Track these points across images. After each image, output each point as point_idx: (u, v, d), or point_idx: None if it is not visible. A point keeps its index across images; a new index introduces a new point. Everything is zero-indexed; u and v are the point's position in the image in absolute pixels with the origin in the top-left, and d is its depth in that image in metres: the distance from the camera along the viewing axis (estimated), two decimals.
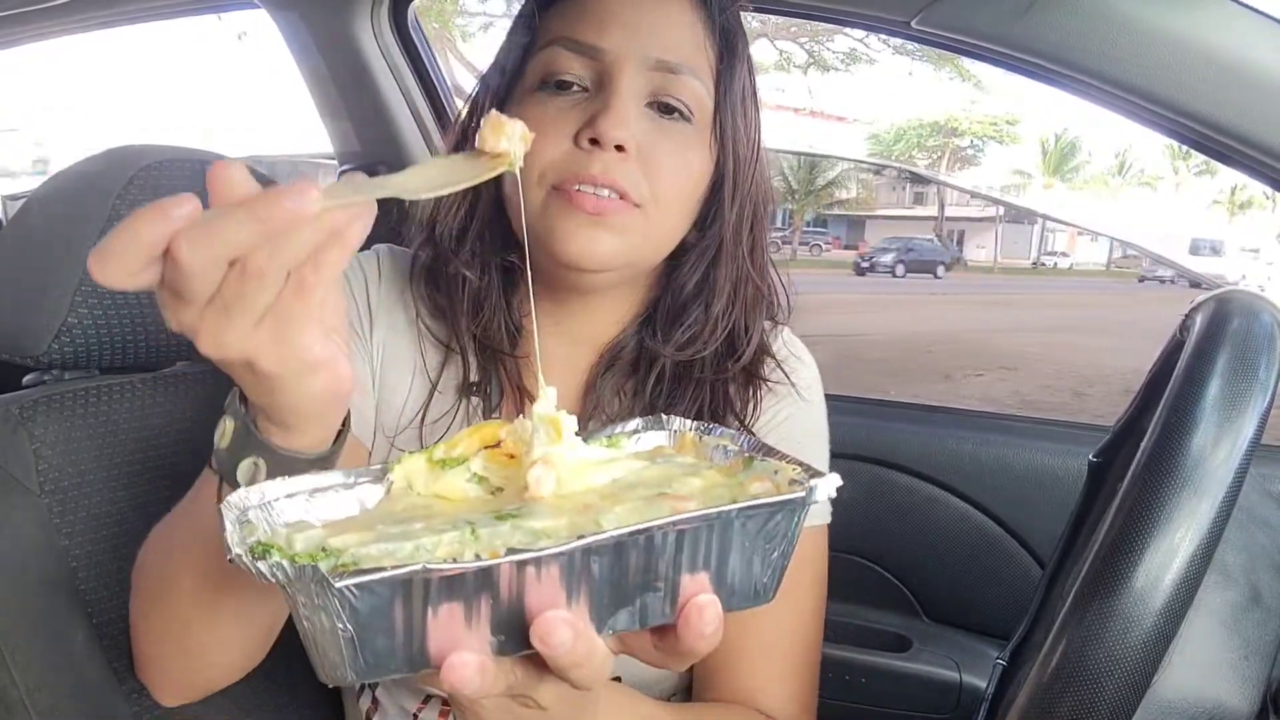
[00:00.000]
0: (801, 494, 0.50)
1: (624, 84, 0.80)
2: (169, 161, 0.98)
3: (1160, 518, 0.56)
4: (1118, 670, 0.55)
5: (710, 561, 0.49)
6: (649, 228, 0.83)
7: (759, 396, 0.92)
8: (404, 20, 1.68)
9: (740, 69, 0.86)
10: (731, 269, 0.88)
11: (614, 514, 0.48)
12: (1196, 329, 0.66)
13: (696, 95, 0.83)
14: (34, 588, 0.87)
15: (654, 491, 0.51)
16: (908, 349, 11.27)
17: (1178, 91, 0.88)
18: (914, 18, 0.96)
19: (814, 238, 38.23)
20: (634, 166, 0.80)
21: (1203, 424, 0.58)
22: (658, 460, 0.58)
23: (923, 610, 1.56)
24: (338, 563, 0.44)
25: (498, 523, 0.48)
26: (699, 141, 0.84)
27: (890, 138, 37.25)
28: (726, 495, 0.52)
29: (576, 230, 0.80)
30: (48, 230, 0.93)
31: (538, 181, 0.81)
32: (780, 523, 0.50)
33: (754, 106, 0.88)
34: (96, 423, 0.96)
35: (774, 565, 0.51)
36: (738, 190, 0.87)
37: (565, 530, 0.47)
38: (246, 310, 0.49)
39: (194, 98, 45.33)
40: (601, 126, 0.78)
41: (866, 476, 1.53)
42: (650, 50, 0.81)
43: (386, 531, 0.47)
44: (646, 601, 0.49)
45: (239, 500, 0.52)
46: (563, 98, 0.82)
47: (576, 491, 0.53)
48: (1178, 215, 33.50)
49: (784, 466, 0.53)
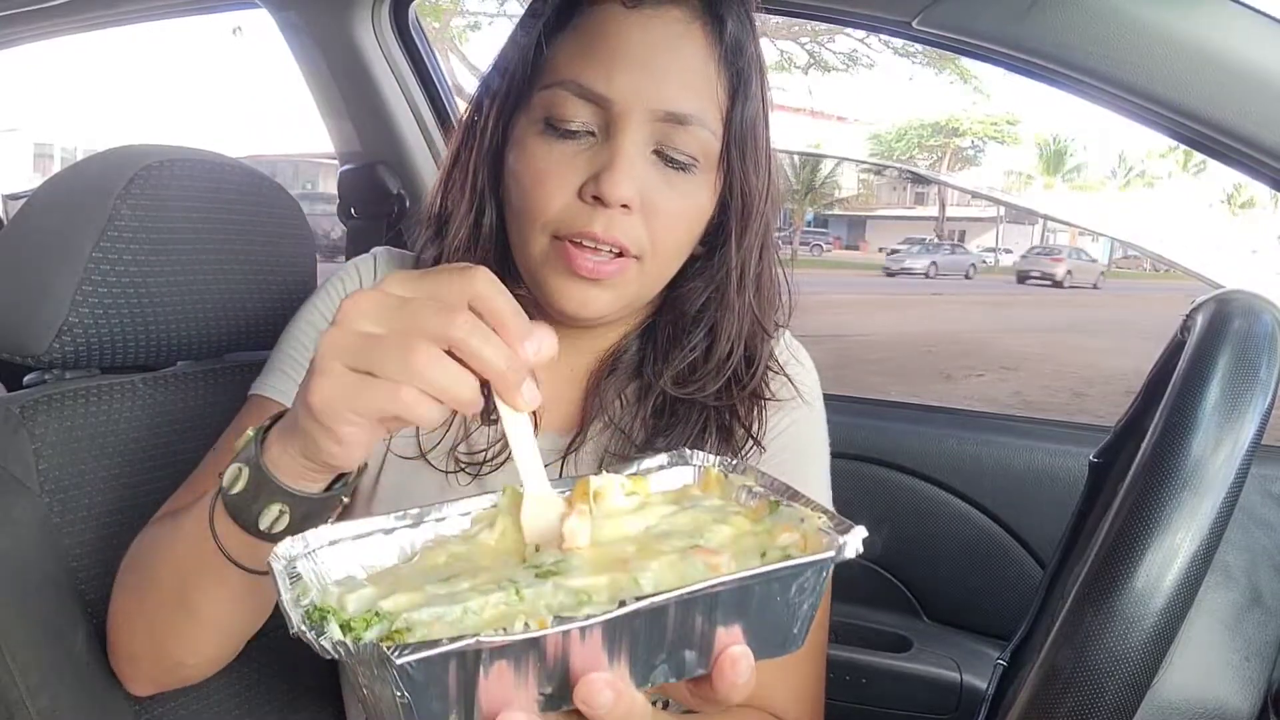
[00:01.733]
0: (832, 554, 0.51)
1: (630, 138, 0.78)
2: (170, 161, 0.98)
3: (1161, 518, 0.56)
4: (1118, 671, 0.55)
5: (744, 617, 0.51)
6: (645, 276, 0.84)
7: (765, 413, 0.91)
8: (405, 20, 1.68)
9: (753, 101, 0.83)
10: (739, 303, 0.87)
11: (650, 571, 0.50)
12: (1197, 329, 0.66)
13: (703, 143, 0.81)
14: (34, 587, 0.87)
15: (686, 543, 0.53)
16: (909, 349, 11.27)
17: (1178, 91, 0.87)
18: (915, 18, 0.96)
19: (814, 238, 38.23)
20: (636, 220, 0.80)
21: (1203, 425, 0.58)
22: (685, 504, 0.59)
23: (923, 610, 1.56)
24: (391, 629, 0.47)
25: (540, 581, 0.50)
26: (705, 185, 0.83)
27: (891, 137, 37.25)
28: (755, 545, 0.53)
29: (572, 289, 0.81)
30: (49, 230, 0.93)
31: (540, 230, 0.81)
32: (809, 578, 0.52)
33: (765, 128, 0.86)
34: (97, 422, 0.96)
35: (803, 616, 0.53)
36: (747, 228, 0.86)
37: (605, 589, 0.49)
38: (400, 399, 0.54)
39: (194, 98, 45.36)
40: (606, 186, 0.77)
41: (867, 477, 1.53)
42: (658, 100, 0.79)
43: (435, 593, 0.49)
44: (684, 656, 0.51)
45: (286, 551, 0.54)
46: (568, 144, 0.80)
47: (611, 540, 0.54)
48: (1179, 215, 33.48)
49: (810, 515, 0.54)
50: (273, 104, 29.30)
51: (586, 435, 0.89)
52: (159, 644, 0.78)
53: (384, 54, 1.67)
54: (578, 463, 0.89)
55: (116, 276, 0.93)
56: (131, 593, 0.79)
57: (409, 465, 0.90)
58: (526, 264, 0.84)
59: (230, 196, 1.07)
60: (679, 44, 0.80)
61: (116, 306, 0.94)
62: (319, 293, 0.96)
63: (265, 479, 0.61)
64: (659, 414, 0.89)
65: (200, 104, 44.91)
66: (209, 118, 44.27)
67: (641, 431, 0.89)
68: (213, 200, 1.04)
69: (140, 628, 0.79)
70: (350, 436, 0.56)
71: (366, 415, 0.55)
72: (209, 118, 44.27)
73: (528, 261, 0.83)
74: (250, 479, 0.62)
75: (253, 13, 1.69)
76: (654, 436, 0.88)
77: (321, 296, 0.95)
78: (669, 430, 0.88)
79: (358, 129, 1.75)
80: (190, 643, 0.76)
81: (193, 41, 40.06)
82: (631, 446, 0.88)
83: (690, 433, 0.88)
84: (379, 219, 1.74)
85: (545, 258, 0.82)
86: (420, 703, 0.45)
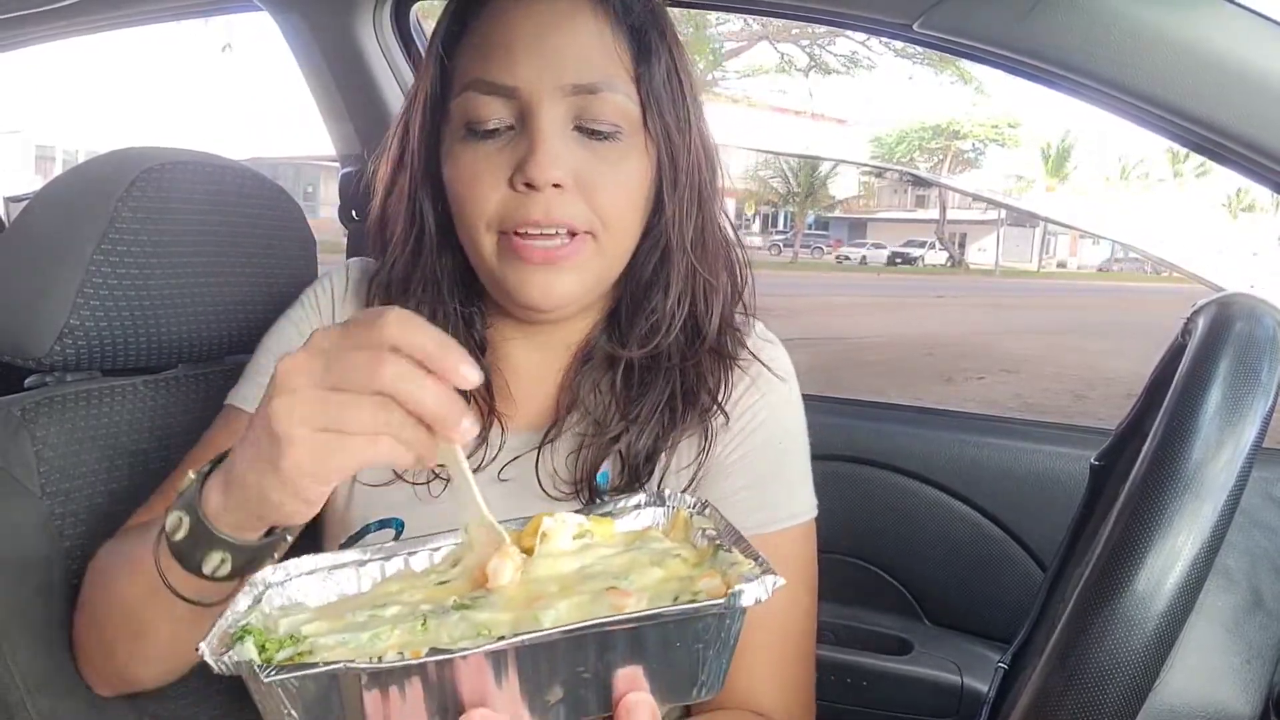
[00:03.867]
0: (721, 602, 0.51)
1: (545, 119, 0.80)
2: (172, 164, 0.99)
3: (1162, 521, 0.56)
4: (1120, 674, 0.55)
5: (642, 660, 0.51)
6: (604, 252, 0.85)
7: (730, 377, 0.92)
8: (405, 21, 1.68)
9: (660, 62, 0.84)
10: (681, 260, 0.89)
11: (554, 610, 0.52)
12: (1198, 332, 0.66)
13: (620, 108, 0.82)
14: (35, 589, 0.87)
15: (608, 584, 0.54)
16: (909, 351, 11.26)
17: (1179, 94, 0.87)
18: (916, 21, 0.96)
19: (815, 240, 38.22)
20: (574, 197, 0.81)
21: (1205, 428, 0.58)
22: (634, 545, 0.61)
23: (924, 613, 1.56)
24: (295, 652, 0.50)
25: (452, 612, 0.52)
26: (634, 150, 0.84)
27: (892, 140, 37.28)
28: (674, 590, 0.54)
29: (531, 277, 0.82)
30: (50, 232, 0.93)
31: (485, 229, 0.83)
32: (710, 625, 0.52)
33: (681, 91, 0.87)
34: (98, 424, 0.96)
35: (709, 662, 0.53)
36: (677, 183, 0.87)
37: (507, 624, 0.51)
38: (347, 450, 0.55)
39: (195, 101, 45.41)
40: (531, 170, 0.79)
41: (868, 480, 1.53)
42: (564, 76, 0.80)
43: (352, 621, 0.53)
44: (580, 695, 0.51)
45: (262, 577, 0.57)
46: (489, 143, 0.82)
47: (540, 578, 0.56)
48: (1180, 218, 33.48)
49: (741, 561, 0.55)
50: (273, 106, 29.33)
51: (562, 429, 0.90)
52: (114, 658, 0.80)
53: (385, 56, 1.68)
54: (554, 453, 0.89)
55: (118, 279, 0.93)
56: (88, 607, 0.81)
57: (379, 476, 0.90)
58: (482, 267, 0.85)
59: (231, 199, 1.07)
60: (570, 21, 0.82)
61: (118, 309, 0.94)
62: (295, 306, 0.97)
63: (205, 530, 0.61)
64: (628, 386, 0.90)
65: (202, 107, 44.98)
66: (210, 120, 44.34)
67: (614, 408, 0.90)
68: (214, 203, 1.04)
69: (96, 641, 0.81)
70: (319, 495, 0.57)
71: (342, 473, 0.55)
72: (210, 120, 44.34)
73: (483, 264, 0.85)
74: (190, 528, 0.62)
75: (250, 19, 1.69)
76: (627, 410, 0.89)
77: (297, 309, 0.96)
78: (639, 401, 0.89)
79: (359, 131, 1.75)
80: (142, 660, 0.78)
81: (194, 44, 40.13)
82: (604, 429, 0.89)
83: (659, 401, 0.88)
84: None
85: (497, 255, 0.83)
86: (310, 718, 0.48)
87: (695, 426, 0.90)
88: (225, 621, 0.52)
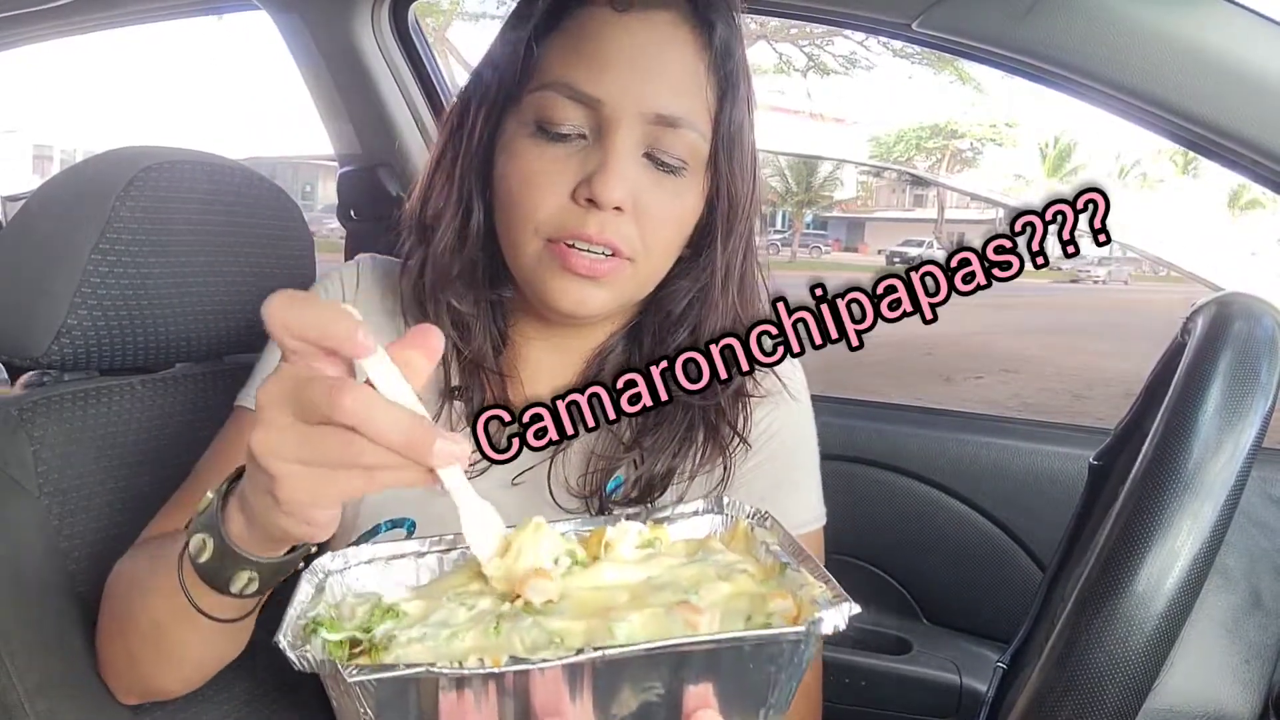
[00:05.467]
0: (801, 629, 0.51)
1: (621, 140, 0.78)
2: (169, 163, 0.98)
3: (1162, 521, 0.56)
4: (1119, 674, 0.55)
5: (714, 679, 0.51)
6: (639, 276, 0.84)
7: (750, 411, 0.91)
8: (404, 21, 1.68)
9: (740, 105, 0.83)
10: (723, 301, 0.87)
11: (627, 623, 0.51)
12: (1198, 332, 0.66)
13: (692, 146, 0.81)
14: (33, 589, 0.87)
15: (678, 597, 0.54)
16: (908, 351, 11.26)
17: (1177, 94, 0.87)
18: (914, 20, 0.96)
19: (814, 240, 38.21)
20: (628, 221, 0.80)
21: (1204, 428, 0.58)
22: (698, 556, 0.60)
23: (923, 613, 1.56)
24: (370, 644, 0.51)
25: (524, 616, 0.52)
26: (694, 187, 0.83)
27: (890, 140, 37.28)
28: (746, 607, 0.54)
29: (569, 288, 0.81)
30: (48, 231, 0.93)
31: (533, 233, 0.81)
32: (783, 651, 0.51)
33: (751, 132, 0.86)
34: (96, 424, 0.95)
35: (781, 685, 0.53)
36: (733, 230, 0.86)
37: (580, 634, 0.51)
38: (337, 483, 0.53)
39: (193, 100, 45.35)
40: (599, 188, 0.77)
41: (867, 479, 1.53)
42: (649, 102, 0.78)
43: (434, 618, 0.53)
44: (650, 708, 0.51)
45: (322, 565, 0.58)
46: (559, 147, 0.80)
47: (609, 585, 0.56)
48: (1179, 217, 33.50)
49: (811, 583, 0.54)
50: (272, 106, 29.30)
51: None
52: (139, 671, 0.80)
53: (383, 56, 1.67)
54: (566, 463, 0.89)
55: (115, 278, 0.93)
56: (112, 621, 0.81)
57: None
58: (519, 267, 0.84)
59: (229, 198, 1.07)
60: (668, 47, 0.80)
61: (115, 308, 0.94)
62: None
63: (231, 551, 0.60)
64: (645, 412, 0.89)
65: (199, 106, 44.91)
66: (208, 119, 44.28)
67: (629, 430, 0.89)
68: (212, 202, 1.04)
69: (120, 654, 0.81)
70: (328, 518, 0.56)
71: (343, 498, 0.54)
72: (208, 119, 44.28)
73: (520, 264, 0.83)
74: (215, 549, 0.61)
75: (251, 15, 1.69)
76: (641, 435, 0.88)
77: None
78: (656, 428, 0.88)
79: (357, 131, 1.75)
80: (168, 673, 0.78)
81: (193, 44, 40.03)
82: (619, 445, 0.88)
83: (677, 431, 0.88)
84: (378, 221, 1.74)
85: (539, 259, 0.82)
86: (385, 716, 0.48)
87: (714, 456, 0.89)
88: (295, 611, 0.52)
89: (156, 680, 0.79)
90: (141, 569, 0.78)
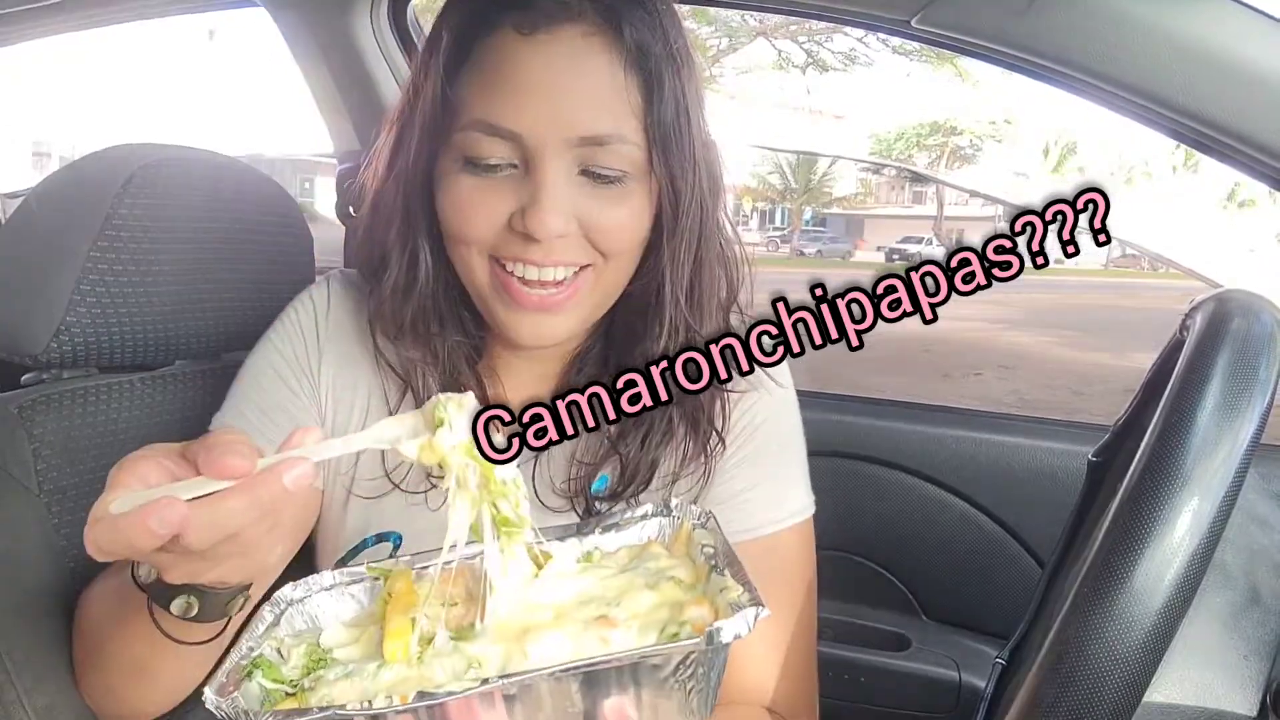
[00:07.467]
0: (699, 641, 0.51)
1: (550, 171, 0.76)
2: (168, 161, 0.98)
3: (1160, 517, 0.56)
4: (1117, 670, 0.55)
5: (626, 693, 0.53)
6: (602, 281, 0.83)
7: (728, 405, 0.91)
8: (403, 19, 1.68)
9: (670, 100, 0.80)
10: (673, 309, 0.85)
11: (541, 645, 0.54)
12: (1196, 328, 0.66)
13: (627, 156, 0.79)
14: (32, 587, 0.87)
15: (599, 611, 0.56)
16: (906, 347, 11.26)
17: (1177, 90, 0.87)
18: (914, 17, 0.96)
19: (814, 237, 38.15)
20: (575, 241, 0.79)
21: (1203, 424, 0.58)
22: (633, 564, 0.62)
23: (922, 610, 1.56)
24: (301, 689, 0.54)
25: (448, 642, 0.55)
26: (638, 191, 0.81)
27: (890, 136, 37.24)
28: (664, 619, 0.55)
29: (523, 322, 0.81)
30: (46, 229, 0.93)
31: (477, 253, 0.81)
32: (692, 660, 0.53)
33: (689, 127, 0.82)
34: (95, 422, 0.95)
35: (694, 692, 0.54)
36: (677, 229, 0.83)
37: (497, 659, 0.54)
38: (232, 557, 0.55)
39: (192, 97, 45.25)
40: (533, 224, 0.76)
41: (866, 476, 1.53)
42: (572, 127, 0.76)
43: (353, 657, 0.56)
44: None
45: (284, 595, 0.60)
46: (491, 178, 0.78)
47: (538, 604, 0.58)
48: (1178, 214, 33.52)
49: (731, 587, 0.56)
50: (272, 103, 29.27)
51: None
52: (118, 697, 0.80)
53: (382, 52, 1.67)
54: (550, 464, 0.89)
55: (114, 276, 0.93)
56: (85, 653, 0.81)
57: (375, 489, 0.89)
58: (476, 293, 0.84)
59: (228, 196, 1.07)
60: (581, 63, 0.77)
61: (114, 306, 0.94)
62: (277, 324, 0.94)
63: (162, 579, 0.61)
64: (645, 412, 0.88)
65: (199, 103, 44.85)
66: (207, 117, 44.24)
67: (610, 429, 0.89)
68: (211, 199, 1.04)
69: (98, 683, 0.81)
70: (254, 568, 0.57)
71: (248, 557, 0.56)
72: (207, 117, 44.24)
73: (476, 289, 0.83)
74: (153, 573, 0.62)
75: (243, 14, 1.69)
76: (623, 432, 0.88)
77: (279, 328, 0.93)
78: (637, 426, 0.88)
79: (356, 128, 1.75)
80: (148, 696, 0.77)
81: (192, 40, 40.00)
82: (603, 441, 0.88)
83: (661, 424, 0.88)
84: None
85: (491, 288, 0.82)
86: None
87: (697, 452, 0.89)
88: (237, 654, 0.55)
89: (137, 703, 0.78)
90: (109, 601, 0.78)
